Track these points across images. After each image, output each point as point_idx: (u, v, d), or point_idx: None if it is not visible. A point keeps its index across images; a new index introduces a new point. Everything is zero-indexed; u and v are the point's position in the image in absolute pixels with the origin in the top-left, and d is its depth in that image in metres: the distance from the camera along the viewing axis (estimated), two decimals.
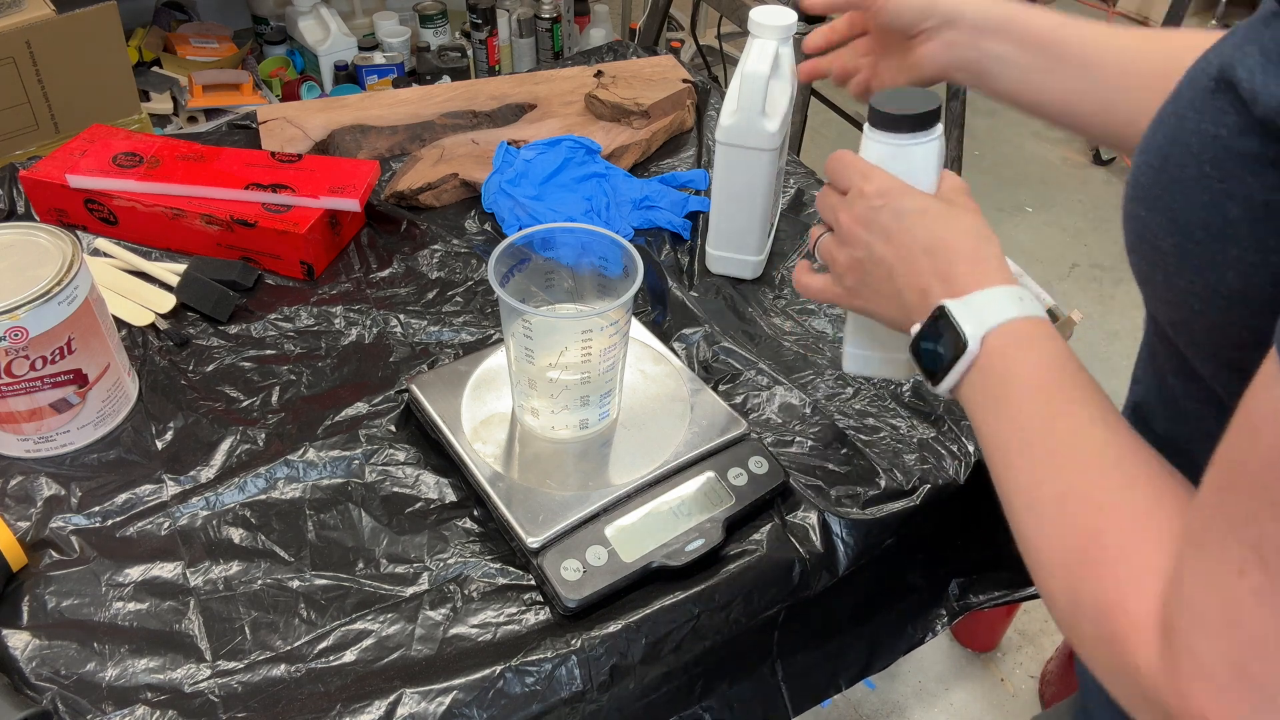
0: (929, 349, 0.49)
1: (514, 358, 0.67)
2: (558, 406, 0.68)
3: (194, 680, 0.59)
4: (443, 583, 0.64)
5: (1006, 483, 0.46)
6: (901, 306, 0.52)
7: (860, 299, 0.55)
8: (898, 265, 0.51)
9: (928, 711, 1.38)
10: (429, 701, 0.58)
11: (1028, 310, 0.47)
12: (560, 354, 0.64)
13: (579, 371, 0.65)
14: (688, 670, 0.65)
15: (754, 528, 0.69)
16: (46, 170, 0.90)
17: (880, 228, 0.52)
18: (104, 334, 0.71)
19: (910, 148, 0.53)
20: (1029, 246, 2.25)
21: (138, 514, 0.67)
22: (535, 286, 0.69)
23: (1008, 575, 0.81)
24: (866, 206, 0.52)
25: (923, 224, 0.51)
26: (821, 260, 0.57)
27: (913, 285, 0.50)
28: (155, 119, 1.85)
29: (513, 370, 0.68)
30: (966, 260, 0.49)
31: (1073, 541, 0.40)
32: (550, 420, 0.69)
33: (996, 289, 0.47)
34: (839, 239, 0.54)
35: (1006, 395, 0.46)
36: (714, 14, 2.21)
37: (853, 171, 0.53)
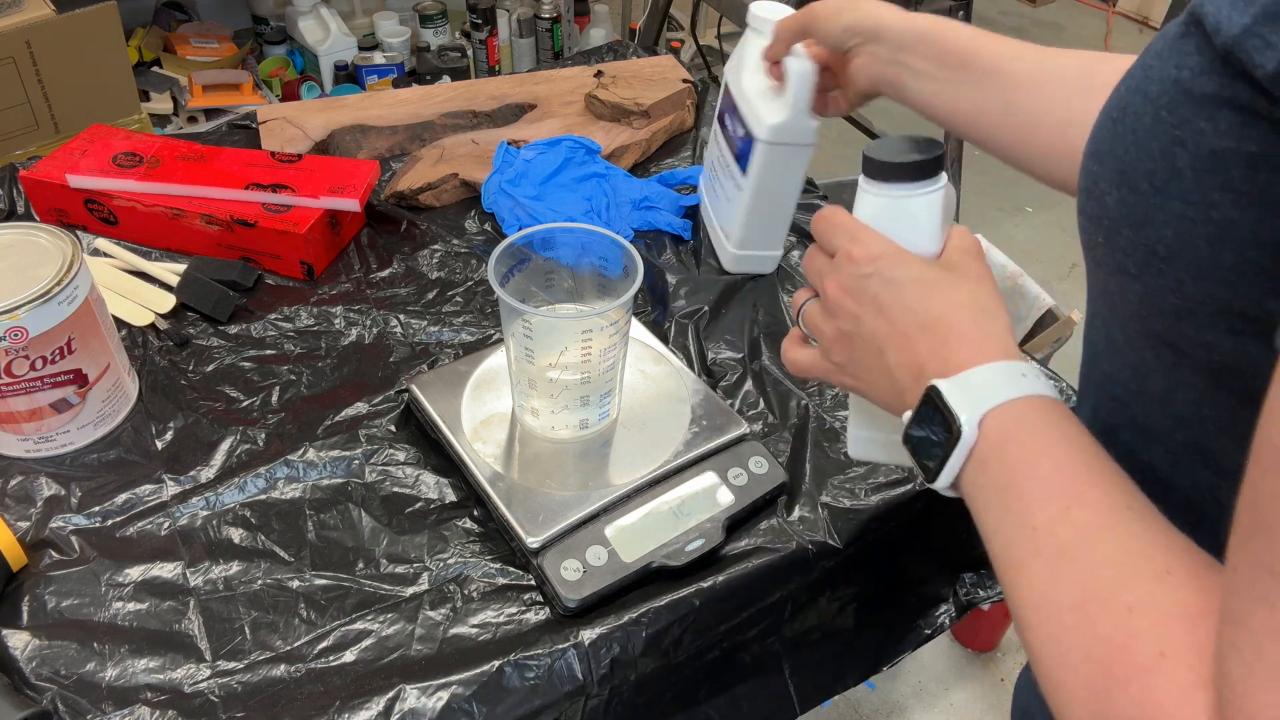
0: (921, 436, 0.43)
1: (514, 358, 0.67)
2: (558, 406, 0.68)
3: (194, 680, 0.59)
4: (443, 583, 0.64)
5: (1017, 593, 0.39)
6: (894, 387, 0.45)
7: (850, 377, 0.48)
8: (889, 342, 0.45)
9: (928, 711, 1.38)
10: (428, 697, 0.58)
11: (1032, 388, 0.41)
12: (560, 354, 0.64)
13: (579, 371, 0.65)
14: (693, 668, 0.65)
15: (754, 526, 0.69)
16: (46, 170, 0.90)
17: (870, 298, 0.45)
18: (104, 334, 0.71)
19: (908, 200, 0.47)
20: (1029, 246, 2.25)
21: (138, 514, 0.67)
22: (535, 286, 0.69)
23: None
24: (855, 274, 0.46)
25: (918, 295, 0.45)
26: (807, 330, 0.50)
27: (906, 364, 0.44)
28: (155, 119, 1.86)
29: (513, 370, 0.68)
30: (965, 337, 0.43)
31: (1098, 655, 0.34)
32: (550, 420, 0.69)
33: (996, 365, 0.42)
34: (826, 309, 0.48)
35: (1011, 486, 0.40)
36: (714, 14, 2.21)
37: (840, 232, 0.47)
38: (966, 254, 0.47)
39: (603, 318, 0.63)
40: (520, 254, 0.67)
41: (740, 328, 0.86)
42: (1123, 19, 3.24)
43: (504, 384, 0.73)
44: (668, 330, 0.85)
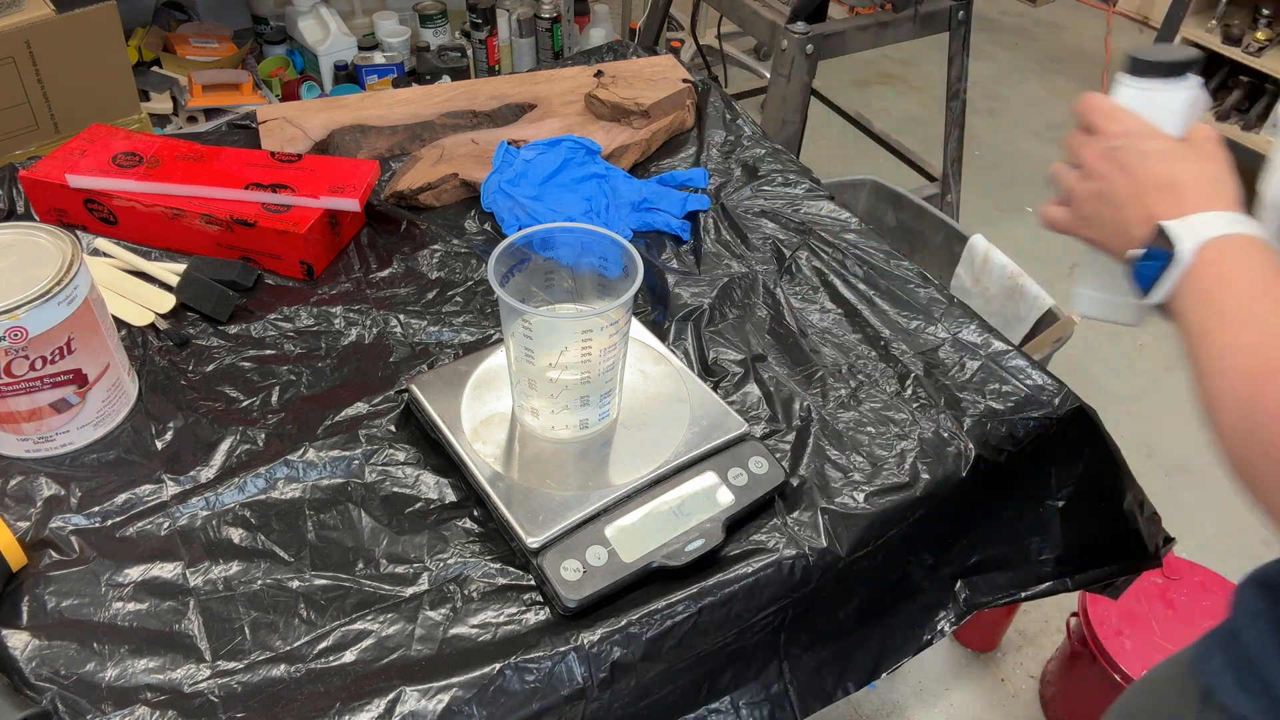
0: (1144, 265, 0.52)
1: (514, 358, 0.67)
2: (558, 406, 0.68)
3: (194, 680, 0.59)
4: (443, 583, 0.64)
5: (1203, 356, 0.48)
6: (1128, 235, 0.54)
7: (1092, 229, 0.58)
8: (1130, 199, 0.54)
9: (928, 711, 1.38)
10: (428, 699, 0.58)
11: (1248, 229, 0.50)
12: (560, 354, 0.64)
13: (579, 371, 0.65)
14: (693, 671, 0.65)
15: (754, 527, 0.69)
16: (46, 170, 0.90)
17: (1119, 164, 0.55)
18: (104, 334, 0.71)
19: (1160, 93, 0.57)
20: (1029, 246, 2.25)
21: (137, 514, 0.67)
22: (535, 286, 0.69)
23: (1013, 575, 0.81)
24: (1110, 145, 0.56)
25: (1162, 163, 0.54)
26: (1060, 191, 0.60)
27: (1142, 217, 0.53)
28: (155, 119, 1.86)
29: (512, 370, 0.68)
30: (1195, 194, 0.52)
31: (1256, 363, 0.44)
32: (550, 420, 0.69)
33: (1217, 212, 0.51)
34: (1081, 173, 0.58)
35: (1217, 292, 0.48)
36: (714, 14, 2.21)
37: (1099, 113, 0.57)
38: (1208, 140, 0.56)
39: (603, 318, 0.63)
40: (520, 254, 0.67)
41: (740, 328, 0.86)
42: (1123, 19, 3.24)
43: (504, 384, 0.73)
44: (668, 330, 0.85)
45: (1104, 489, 0.81)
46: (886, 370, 0.82)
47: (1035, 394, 0.79)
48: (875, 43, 1.65)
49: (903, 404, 0.79)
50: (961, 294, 1.44)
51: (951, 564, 0.79)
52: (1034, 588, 0.82)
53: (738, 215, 0.99)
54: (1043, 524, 0.81)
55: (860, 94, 2.76)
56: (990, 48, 3.03)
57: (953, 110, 1.89)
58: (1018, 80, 2.89)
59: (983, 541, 0.79)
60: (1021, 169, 2.52)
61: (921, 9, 1.65)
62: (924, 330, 0.86)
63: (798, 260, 0.93)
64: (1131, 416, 1.83)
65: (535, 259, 0.68)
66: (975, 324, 0.86)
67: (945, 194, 1.99)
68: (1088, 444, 0.80)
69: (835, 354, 0.83)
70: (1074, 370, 1.91)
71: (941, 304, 0.89)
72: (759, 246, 0.95)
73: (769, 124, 1.64)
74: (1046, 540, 0.81)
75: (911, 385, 0.80)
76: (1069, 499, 0.80)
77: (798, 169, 1.06)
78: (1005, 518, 0.80)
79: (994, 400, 0.79)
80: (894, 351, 0.84)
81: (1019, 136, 2.64)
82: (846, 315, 0.88)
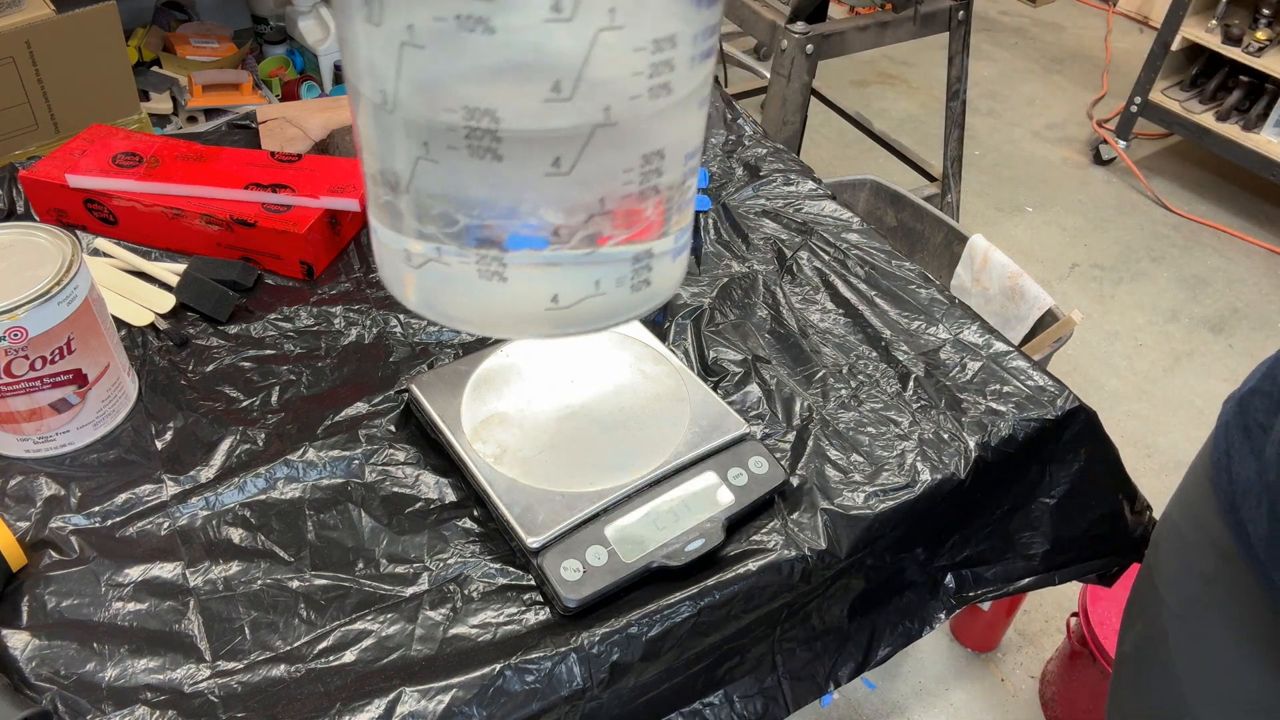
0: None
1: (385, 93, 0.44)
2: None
3: (194, 680, 0.59)
4: (443, 583, 0.64)
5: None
6: None
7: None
8: None
9: (928, 712, 1.38)
10: (429, 700, 0.58)
11: None
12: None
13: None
14: (689, 666, 0.65)
15: (755, 527, 0.69)
16: (46, 170, 0.90)
17: None
18: (104, 334, 0.71)
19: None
20: (1029, 246, 2.25)
21: (137, 514, 0.67)
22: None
23: (1001, 568, 0.81)
24: None
25: None
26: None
27: None
28: (155, 119, 1.86)
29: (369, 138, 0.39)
30: None
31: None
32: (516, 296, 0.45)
33: None
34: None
35: None
36: None
37: None
38: None
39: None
40: None
41: (740, 328, 0.86)
42: (1123, 19, 3.24)
43: (504, 384, 0.73)
44: (667, 330, 0.85)
45: (1098, 487, 0.82)
46: (887, 371, 0.82)
47: (1036, 395, 0.79)
48: (875, 43, 1.65)
49: (903, 405, 0.79)
50: (961, 294, 1.44)
51: (943, 558, 0.79)
52: (1020, 581, 0.82)
53: (739, 215, 0.99)
54: (1034, 520, 0.81)
55: (860, 94, 2.76)
56: (990, 48, 3.03)
57: (953, 110, 1.89)
58: (1018, 80, 2.89)
59: (975, 536, 0.79)
60: (1021, 169, 2.52)
61: (921, 9, 1.65)
62: (925, 331, 0.86)
63: (799, 260, 0.93)
64: (1131, 416, 1.83)
65: None
66: (976, 325, 0.86)
67: (945, 194, 1.99)
68: (1086, 444, 0.80)
69: (836, 354, 0.83)
70: (1074, 370, 1.91)
71: (943, 304, 0.89)
72: (760, 246, 0.95)
73: (769, 124, 1.64)
74: (1037, 535, 0.81)
75: (912, 386, 0.80)
76: (1062, 496, 0.80)
77: (800, 169, 1.06)
78: (999, 514, 0.80)
79: (995, 401, 0.79)
80: (895, 352, 0.84)
81: (1019, 136, 2.64)
82: (847, 315, 0.88)
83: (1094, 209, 2.39)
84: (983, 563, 0.80)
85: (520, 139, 0.31)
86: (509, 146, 0.31)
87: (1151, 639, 0.72)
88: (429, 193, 0.34)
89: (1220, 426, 0.66)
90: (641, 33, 0.31)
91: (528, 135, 0.31)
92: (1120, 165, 2.52)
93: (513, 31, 0.30)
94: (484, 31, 0.29)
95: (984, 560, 0.80)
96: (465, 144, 0.31)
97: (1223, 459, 0.64)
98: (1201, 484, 0.66)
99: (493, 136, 0.31)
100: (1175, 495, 0.72)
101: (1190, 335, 2.03)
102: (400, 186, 0.34)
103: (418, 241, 0.36)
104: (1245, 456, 0.61)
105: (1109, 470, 0.82)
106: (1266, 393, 0.62)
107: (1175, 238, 2.31)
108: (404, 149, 0.33)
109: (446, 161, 0.32)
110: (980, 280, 1.43)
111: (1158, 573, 0.72)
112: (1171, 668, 0.69)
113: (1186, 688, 0.68)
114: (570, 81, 0.31)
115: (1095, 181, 2.49)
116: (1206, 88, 2.38)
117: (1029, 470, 0.79)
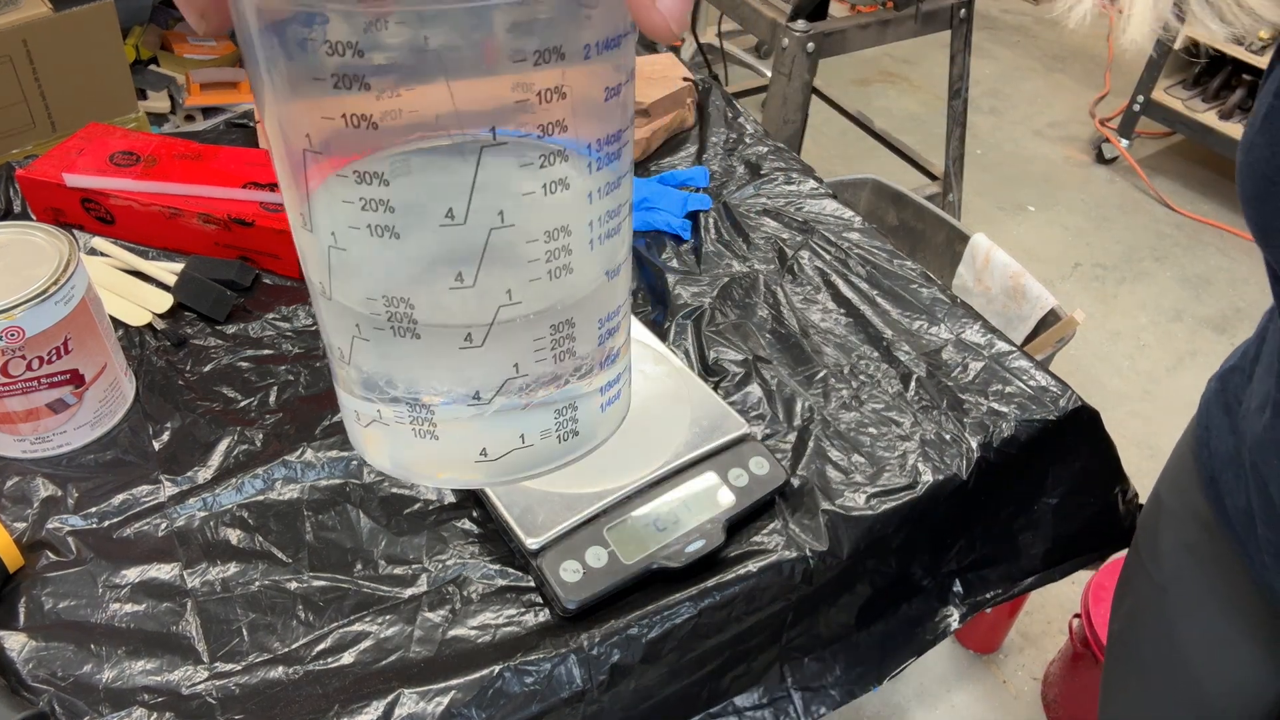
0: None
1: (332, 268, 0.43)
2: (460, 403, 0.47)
3: (191, 682, 0.58)
4: (442, 584, 0.64)
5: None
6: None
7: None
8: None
9: (930, 713, 1.38)
10: (427, 701, 0.57)
11: None
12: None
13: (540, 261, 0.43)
14: (693, 674, 0.65)
15: (755, 528, 0.68)
16: (43, 169, 0.89)
17: None
18: (101, 334, 0.71)
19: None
20: (1031, 246, 2.25)
21: (135, 515, 0.67)
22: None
23: (1004, 569, 0.81)
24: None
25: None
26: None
27: None
28: (152, 117, 1.85)
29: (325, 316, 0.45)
30: None
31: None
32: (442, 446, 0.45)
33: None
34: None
35: None
36: (714, 12, 2.21)
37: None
38: None
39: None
40: None
41: (741, 328, 0.85)
42: (1124, 18, 3.23)
43: None
44: (667, 330, 0.85)
45: (1097, 485, 0.81)
46: (889, 371, 0.81)
47: (1039, 396, 0.79)
48: (876, 41, 1.65)
49: (905, 405, 0.78)
50: (963, 293, 1.44)
51: (949, 563, 0.78)
52: (1023, 581, 0.82)
53: (739, 214, 0.98)
54: (1035, 519, 0.81)
55: (861, 93, 2.75)
56: (992, 46, 3.03)
57: (954, 109, 1.88)
58: (1020, 79, 2.88)
59: (979, 539, 0.78)
60: (1024, 168, 2.51)
61: (923, 7, 1.64)
62: (927, 331, 0.86)
63: (800, 260, 0.93)
64: (1134, 416, 1.83)
65: None
66: (978, 325, 0.86)
67: (947, 193, 1.99)
68: (1086, 444, 0.80)
69: (837, 354, 0.83)
70: (1076, 370, 1.90)
71: (945, 304, 0.88)
72: (760, 246, 0.95)
73: (770, 123, 1.64)
74: (1037, 535, 0.81)
75: (914, 386, 0.80)
76: (1063, 496, 0.80)
77: (801, 168, 1.05)
78: (1002, 516, 0.79)
79: (997, 402, 0.78)
80: (896, 352, 0.83)
81: (1021, 135, 2.63)
82: (849, 315, 0.87)
83: (1096, 208, 2.38)
84: (986, 565, 0.80)
85: (434, 320, 0.36)
86: (425, 328, 0.36)
87: (1138, 612, 0.74)
88: (364, 365, 0.39)
89: (1203, 404, 0.68)
90: (533, 229, 0.35)
91: (440, 316, 0.36)
92: (1123, 164, 2.51)
93: (416, 236, 0.34)
94: (391, 236, 0.34)
95: (987, 563, 0.80)
96: (389, 326, 0.36)
97: (1204, 434, 0.67)
98: (1185, 460, 0.69)
99: (410, 319, 0.36)
100: (1161, 474, 0.74)
101: (1193, 335, 2.02)
102: (343, 357, 0.40)
103: (363, 403, 0.41)
104: (1224, 432, 0.64)
105: (1108, 468, 0.82)
106: (1243, 369, 0.64)
107: (1178, 237, 2.30)
108: (341, 328, 0.38)
109: (375, 339, 0.37)
110: (982, 280, 1.43)
111: (1145, 548, 0.74)
112: (1159, 639, 0.72)
113: (1173, 656, 0.70)
114: (471, 272, 0.35)
115: (1098, 180, 2.48)
116: (1209, 86, 2.38)
117: (1031, 471, 0.79)
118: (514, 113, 0.33)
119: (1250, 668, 0.66)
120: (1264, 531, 0.59)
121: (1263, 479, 0.58)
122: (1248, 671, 0.66)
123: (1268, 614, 0.63)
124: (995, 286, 1.41)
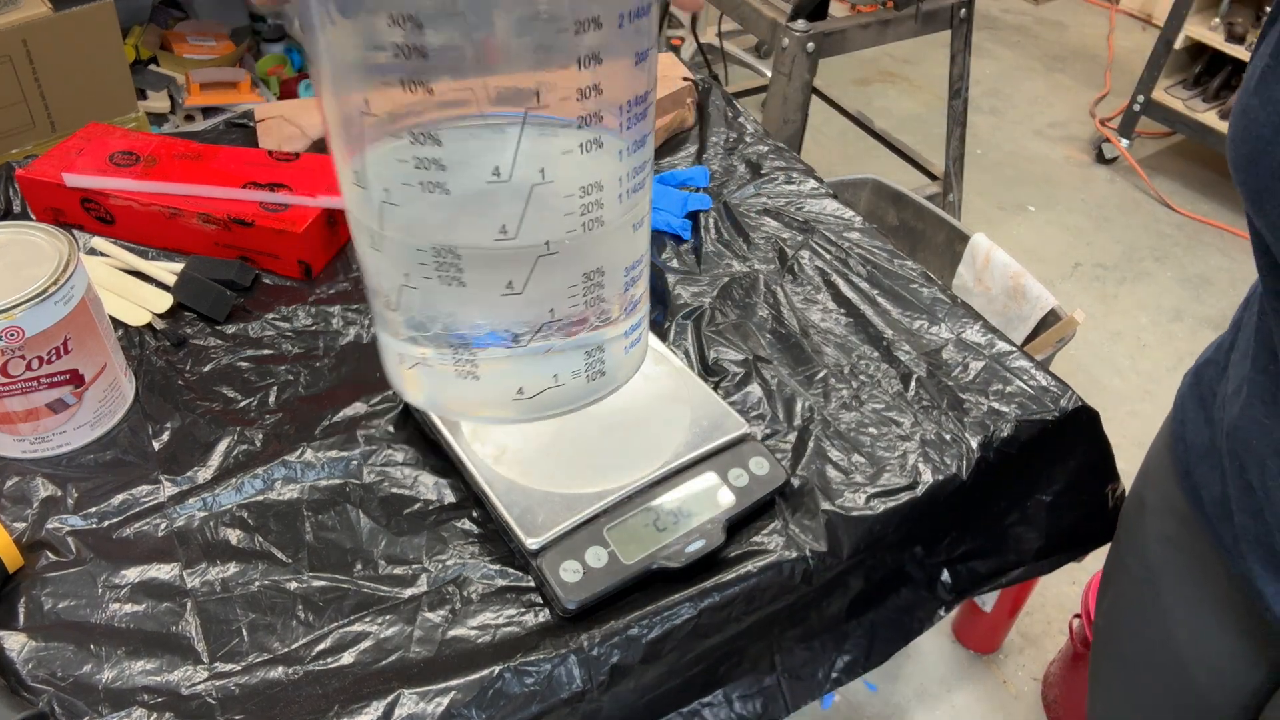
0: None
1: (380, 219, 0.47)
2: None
3: (191, 682, 0.58)
4: (441, 584, 0.64)
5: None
6: None
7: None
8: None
9: (930, 713, 1.38)
10: (427, 702, 0.57)
11: None
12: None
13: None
14: (689, 668, 0.65)
15: (755, 528, 0.68)
16: (42, 169, 0.89)
17: None
18: (100, 334, 0.71)
19: None
20: (1031, 245, 2.25)
21: (134, 515, 0.67)
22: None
23: (994, 562, 0.81)
24: None
25: None
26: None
27: None
28: (152, 117, 1.85)
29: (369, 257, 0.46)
30: None
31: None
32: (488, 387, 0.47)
33: None
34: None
35: None
36: (714, 11, 2.21)
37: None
38: None
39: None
40: None
41: (741, 327, 0.85)
42: (1125, 17, 3.23)
43: None
44: (667, 330, 0.85)
45: (1092, 483, 0.82)
46: (889, 371, 0.81)
47: (1039, 395, 0.79)
48: (877, 41, 1.65)
49: (905, 405, 0.78)
50: (963, 293, 1.44)
51: (939, 555, 0.78)
52: (1011, 573, 0.82)
53: (740, 214, 0.98)
54: (1030, 516, 0.81)
55: (861, 92, 2.75)
56: (992, 46, 3.03)
57: (955, 109, 1.88)
58: (1020, 79, 2.88)
59: (971, 534, 0.78)
60: (1024, 168, 2.51)
61: (923, 7, 1.64)
62: (927, 331, 0.86)
63: (800, 259, 0.93)
64: (1134, 416, 1.83)
65: None
66: (979, 325, 0.86)
67: (947, 193, 1.99)
68: (1084, 443, 0.80)
69: (837, 354, 0.83)
70: (1076, 370, 1.90)
71: (945, 304, 0.88)
72: (761, 245, 0.95)
73: (770, 123, 1.64)
74: (1031, 530, 0.81)
75: (914, 386, 0.80)
76: (1057, 494, 0.80)
77: (801, 168, 1.05)
78: (996, 511, 0.80)
79: (997, 402, 0.78)
80: (896, 352, 0.83)
81: (1021, 135, 2.63)
82: (849, 315, 0.87)
83: (1097, 208, 2.38)
84: (976, 558, 0.80)
85: (479, 268, 0.39)
86: (470, 275, 0.39)
87: (1121, 605, 0.75)
88: (411, 310, 0.42)
89: (1178, 398, 0.69)
90: (570, 184, 0.38)
91: (484, 265, 0.39)
92: (1123, 164, 2.51)
93: (465, 191, 0.37)
94: (442, 193, 0.37)
95: (978, 556, 0.80)
96: (436, 274, 0.39)
97: (1179, 427, 0.67)
98: (1161, 453, 0.70)
99: (456, 268, 0.39)
100: (1140, 467, 0.75)
101: (1193, 335, 2.02)
102: (390, 304, 0.42)
103: (408, 345, 0.44)
104: (1199, 424, 0.65)
105: (1103, 467, 0.82)
106: (1218, 362, 0.64)
107: (1178, 237, 2.30)
108: (390, 276, 0.41)
109: (423, 287, 0.40)
110: (982, 280, 1.43)
111: (1126, 542, 0.75)
112: (1141, 631, 0.73)
113: (1156, 647, 0.71)
114: (514, 225, 0.38)
115: (1098, 180, 2.48)
116: (1209, 86, 2.38)
117: (1030, 469, 0.79)
118: (556, 78, 0.36)
119: (1231, 658, 0.67)
120: (1240, 519, 0.59)
121: (1240, 464, 0.58)
122: (1229, 661, 0.67)
123: (1245, 605, 0.63)
124: (995, 286, 1.41)
